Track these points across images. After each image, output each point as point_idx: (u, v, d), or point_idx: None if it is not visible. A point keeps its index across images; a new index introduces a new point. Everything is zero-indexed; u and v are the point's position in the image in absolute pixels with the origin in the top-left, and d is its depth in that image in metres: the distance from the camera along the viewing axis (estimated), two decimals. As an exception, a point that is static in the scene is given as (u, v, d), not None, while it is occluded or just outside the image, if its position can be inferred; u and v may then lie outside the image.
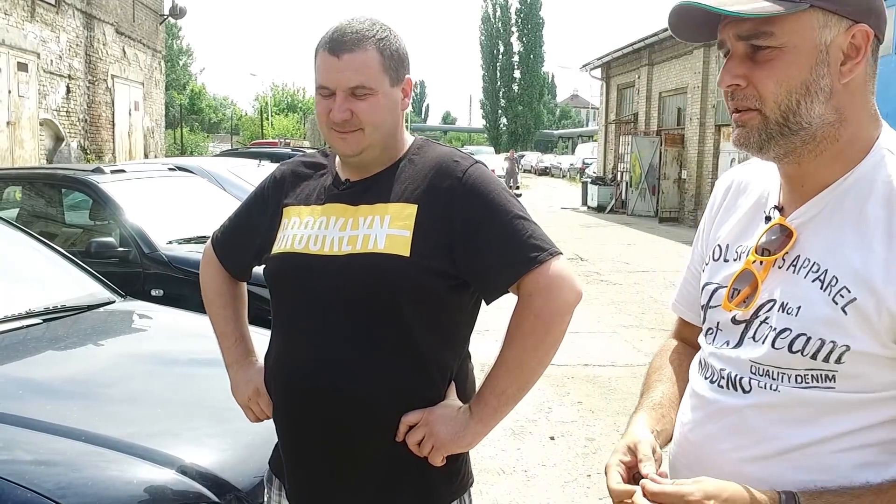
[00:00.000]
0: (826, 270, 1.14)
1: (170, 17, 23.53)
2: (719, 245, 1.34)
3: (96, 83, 17.78)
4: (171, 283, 4.91)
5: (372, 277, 1.53)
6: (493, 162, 32.94)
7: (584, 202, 24.57)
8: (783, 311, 1.17)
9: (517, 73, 68.39)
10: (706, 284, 1.34)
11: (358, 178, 1.65)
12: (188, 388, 2.72)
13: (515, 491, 4.09)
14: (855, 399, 1.12)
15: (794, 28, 1.12)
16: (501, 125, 70.10)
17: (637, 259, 12.92)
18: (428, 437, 1.53)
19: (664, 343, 1.58)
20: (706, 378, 1.28)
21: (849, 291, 1.10)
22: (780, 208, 1.25)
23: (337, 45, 1.56)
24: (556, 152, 64.29)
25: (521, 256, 1.52)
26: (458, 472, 1.64)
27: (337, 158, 1.71)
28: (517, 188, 27.49)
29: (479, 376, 1.64)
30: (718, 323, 1.29)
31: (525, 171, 50.59)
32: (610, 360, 6.68)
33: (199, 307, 3.82)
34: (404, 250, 1.52)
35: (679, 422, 1.34)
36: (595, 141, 34.54)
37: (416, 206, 1.56)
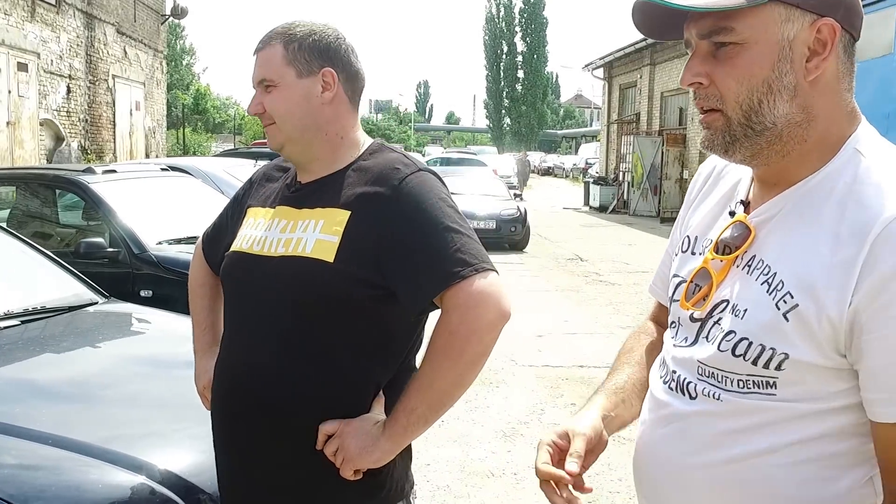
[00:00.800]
0: (775, 273, 1.10)
1: (171, 17, 23.53)
2: (688, 236, 1.32)
3: (97, 83, 17.79)
4: (161, 284, 4.89)
5: (295, 281, 1.53)
6: (495, 162, 32.64)
7: (586, 202, 24.53)
8: (732, 313, 1.14)
9: (521, 73, 68.39)
10: (674, 276, 1.32)
11: (307, 181, 1.66)
12: (166, 390, 2.68)
13: (504, 494, 4.06)
14: (797, 409, 1.09)
15: (755, 23, 1.08)
16: (505, 125, 70.08)
17: (637, 259, 12.87)
18: (340, 450, 1.50)
19: (641, 324, 1.56)
20: (661, 378, 1.27)
21: (791, 297, 1.07)
22: (746, 203, 1.22)
23: (259, 43, 1.65)
24: (560, 152, 64.19)
25: (443, 270, 1.45)
26: (380, 485, 1.59)
27: None
28: (518, 191, 26.89)
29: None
30: (679, 318, 1.27)
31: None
32: (606, 361, 6.61)
33: (187, 308, 3.83)
34: (329, 256, 1.50)
35: (640, 420, 1.32)
36: (598, 141, 34.50)
37: (349, 212, 1.54)
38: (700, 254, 1.26)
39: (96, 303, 3.43)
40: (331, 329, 1.52)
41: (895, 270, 0.98)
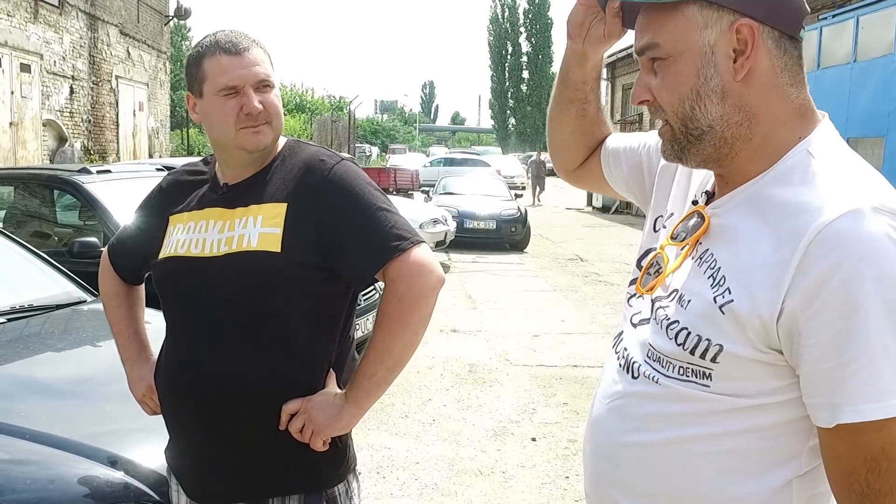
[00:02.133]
0: (720, 268, 1.13)
1: (174, 18, 23.60)
2: (661, 215, 1.37)
3: (100, 84, 17.86)
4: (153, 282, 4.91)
5: (247, 274, 1.61)
6: (499, 162, 32.47)
7: (589, 202, 24.52)
8: (678, 303, 1.17)
9: (526, 74, 68.34)
10: (647, 249, 1.36)
11: (234, 182, 1.72)
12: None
13: (491, 492, 4.08)
14: (728, 402, 1.12)
15: (676, 36, 1.13)
16: (510, 125, 70.03)
17: (637, 260, 12.84)
18: (308, 424, 1.62)
19: None
20: (616, 353, 1.32)
21: (729, 292, 1.09)
22: (711, 194, 1.25)
23: (232, 46, 1.64)
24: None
25: (384, 245, 1.59)
26: (342, 455, 1.73)
27: (217, 165, 1.78)
28: (532, 199, 25.61)
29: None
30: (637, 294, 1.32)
31: (532, 171, 50.43)
32: (600, 361, 6.62)
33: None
34: (275, 247, 1.60)
35: (595, 391, 1.38)
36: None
37: (286, 204, 1.64)
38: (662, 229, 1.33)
39: (85, 301, 3.46)
40: (284, 314, 1.62)
41: (825, 276, 1.00)
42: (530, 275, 11.40)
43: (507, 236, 14.01)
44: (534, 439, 4.84)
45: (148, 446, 2.19)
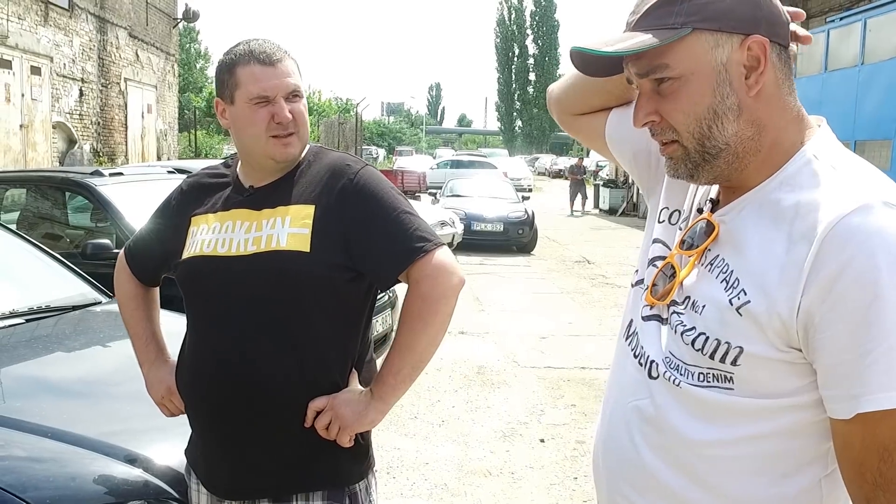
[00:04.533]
0: (732, 271, 1.15)
1: (183, 21, 23.70)
2: (678, 210, 1.35)
3: (109, 86, 17.96)
4: (166, 285, 4.90)
5: (277, 273, 1.65)
6: (506, 164, 32.16)
7: (596, 205, 24.51)
8: (693, 309, 1.18)
9: (532, 76, 68.42)
10: (655, 239, 1.35)
11: (260, 185, 1.76)
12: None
13: (500, 493, 4.11)
14: (752, 405, 1.13)
15: (686, 56, 1.12)
16: (517, 127, 70.12)
17: (644, 262, 12.85)
18: (334, 420, 1.66)
19: None
20: (630, 349, 1.30)
21: (745, 294, 1.11)
22: (716, 201, 1.26)
23: (266, 56, 1.68)
24: (572, 155, 64.11)
25: (408, 247, 1.65)
26: (364, 453, 1.79)
27: (238, 168, 1.82)
28: (526, 198, 21.64)
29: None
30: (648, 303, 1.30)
31: (539, 173, 50.46)
32: (608, 363, 6.61)
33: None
34: (305, 246, 1.64)
35: (608, 381, 1.38)
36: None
37: (314, 206, 1.69)
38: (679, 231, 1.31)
39: (100, 302, 3.50)
40: (312, 314, 1.67)
41: (839, 270, 1.02)
42: (537, 277, 11.43)
43: (515, 238, 14.03)
44: (542, 440, 4.87)
45: (165, 444, 2.23)
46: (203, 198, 1.83)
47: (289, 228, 1.66)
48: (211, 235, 1.73)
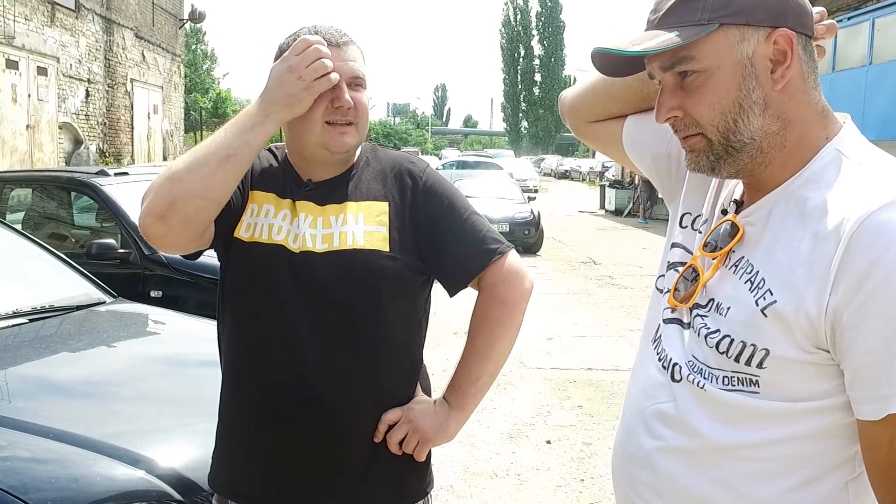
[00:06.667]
0: (757, 272, 1.12)
1: (189, 22, 23.75)
2: (700, 215, 1.32)
3: (115, 87, 18.01)
4: (171, 285, 4.96)
5: (355, 272, 1.52)
6: (511, 165, 32.11)
7: (602, 206, 24.48)
8: (717, 311, 1.16)
9: (538, 77, 68.44)
10: (674, 244, 1.33)
11: (320, 180, 1.60)
12: (175, 387, 2.72)
13: (506, 494, 4.08)
14: (779, 408, 1.10)
15: (713, 50, 1.10)
16: (522, 128, 70.14)
17: (651, 263, 12.81)
18: (412, 434, 1.57)
19: None
20: (656, 352, 1.27)
21: (771, 294, 1.08)
22: (740, 202, 1.23)
23: (332, 38, 1.53)
24: (577, 156, 64.10)
25: (482, 249, 1.60)
26: (427, 468, 1.68)
27: (290, 160, 1.63)
28: (532, 198, 20.53)
29: (442, 375, 1.64)
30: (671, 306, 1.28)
31: (545, 174, 50.46)
32: (614, 364, 6.62)
33: (196, 308, 3.88)
34: (384, 245, 1.55)
35: (630, 382, 1.35)
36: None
37: (387, 202, 1.59)
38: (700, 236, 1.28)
39: (104, 302, 3.49)
40: (389, 316, 1.55)
41: (869, 268, 0.99)
42: (543, 278, 11.38)
43: (521, 239, 13.99)
44: (548, 442, 4.83)
45: (168, 446, 2.22)
46: (263, 174, 1.63)
47: (364, 226, 1.54)
48: (281, 223, 1.56)
